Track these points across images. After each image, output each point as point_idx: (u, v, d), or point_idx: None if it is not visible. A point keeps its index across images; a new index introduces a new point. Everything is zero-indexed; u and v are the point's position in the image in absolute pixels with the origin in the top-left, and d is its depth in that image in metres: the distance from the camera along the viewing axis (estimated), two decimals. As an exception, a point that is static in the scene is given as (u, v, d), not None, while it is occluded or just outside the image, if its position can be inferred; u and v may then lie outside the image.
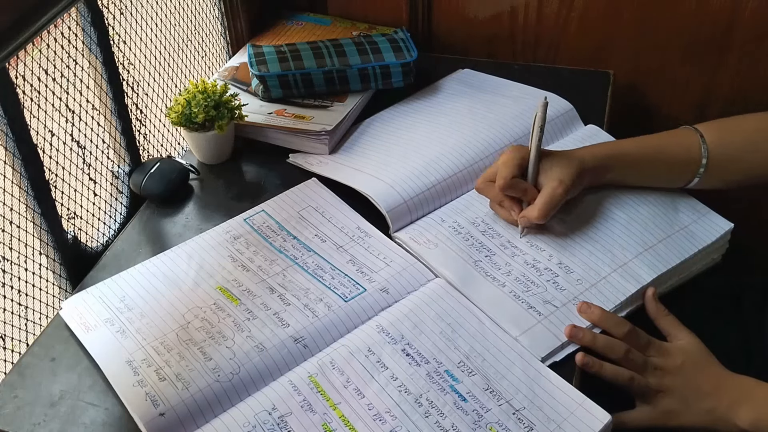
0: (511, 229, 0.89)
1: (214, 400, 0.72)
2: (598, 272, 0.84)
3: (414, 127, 1.05)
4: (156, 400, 0.71)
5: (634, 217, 0.91)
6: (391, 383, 0.74)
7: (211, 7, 1.18)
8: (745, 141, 0.92)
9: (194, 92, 0.98)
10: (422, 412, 0.71)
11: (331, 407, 0.72)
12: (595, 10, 1.17)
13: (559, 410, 0.72)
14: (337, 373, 0.74)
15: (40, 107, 0.82)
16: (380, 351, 0.76)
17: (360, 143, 1.04)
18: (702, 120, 0.94)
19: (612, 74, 1.16)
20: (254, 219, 0.92)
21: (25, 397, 0.75)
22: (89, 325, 0.79)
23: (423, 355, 0.76)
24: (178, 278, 0.84)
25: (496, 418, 0.71)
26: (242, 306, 0.81)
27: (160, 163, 0.98)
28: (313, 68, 1.06)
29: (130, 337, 0.78)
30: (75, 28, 0.87)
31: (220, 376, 0.74)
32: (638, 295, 0.83)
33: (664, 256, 0.87)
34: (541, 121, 0.86)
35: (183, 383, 0.73)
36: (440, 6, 1.24)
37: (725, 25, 1.12)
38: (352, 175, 0.96)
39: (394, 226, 0.90)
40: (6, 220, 0.79)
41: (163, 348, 0.76)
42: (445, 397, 0.72)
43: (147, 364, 0.75)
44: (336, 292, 0.82)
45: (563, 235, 0.88)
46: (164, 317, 0.80)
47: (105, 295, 0.83)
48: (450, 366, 0.75)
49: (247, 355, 0.76)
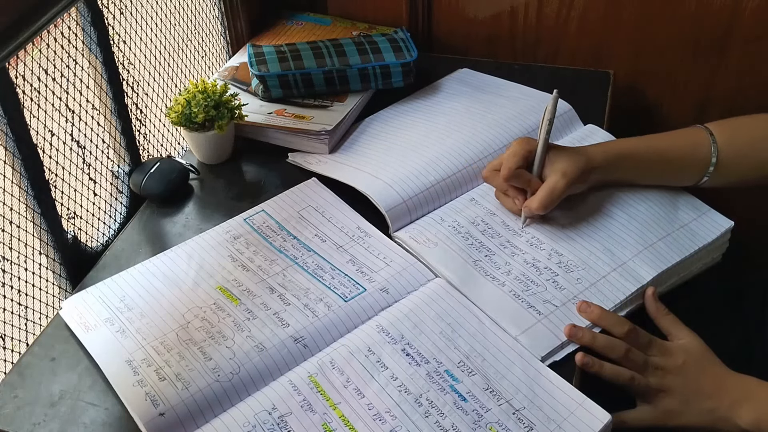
0: (511, 229, 0.89)
1: (214, 400, 0.72)
2: (598, 271, 0.84)
3: (413, 126, 1.05)
4: (156, 400, 0.71)
5: (634, 215, 0.90)
6: (391, 383, 0.74)
7: (211, 7, 1.18)
8: (754, 139, 0.92)
9: (194, 92, 0.98)
10: (422, 412, 0.71)
11: (331, 407, 0.72)
12: (595, 10, 1.17)
13: (559, 410, 0.71)
14: (337, 373, 0.74)
15: (40, 107, 0.82)
16: (380, 351, 0.76)
17: (360, 143, 1.04)
18: (702, 120, 0.94)
19: (612, 74, 1.16)
20: (254, 219, 0.92)
21: (25, 397, 0.75)
22: (89, 325, 0.79)
23: (423, 355, 0.76)
24: (178, 278, 0.84)
25: (496, 417, 0.71)
26: (242, 306, 0.81)
27: (160, 163, 0.98)
28: (313, 68, 1.06)
29: (130, 336, 0.78)
30: (75, 28, 0.87)
31: (220, 376, 0.74)
32: (638, 294, 0.83)
33: (664, 254, 0.86)
34: (551, 114, 0.86)
35: (183, 383, 0.73)
36: (440, 6, 1.24)
37: (725, 25, 1.12)
38: (351, 175, 0.96)
39: (394, 226, 0.90)
40: (6, 220, 0.79)
41: (163, 348, 0.76)
42: (445, 396, 0.72)
43: (147, 364, 0.75)
44: (336, 292, 0.82)
45: (563, 233, 0.88)
46: (164, 317, 0.80)
47: (105, 294, 0.83)
48: (450, 366, 0.75)
49: (247, 355, 0.76)
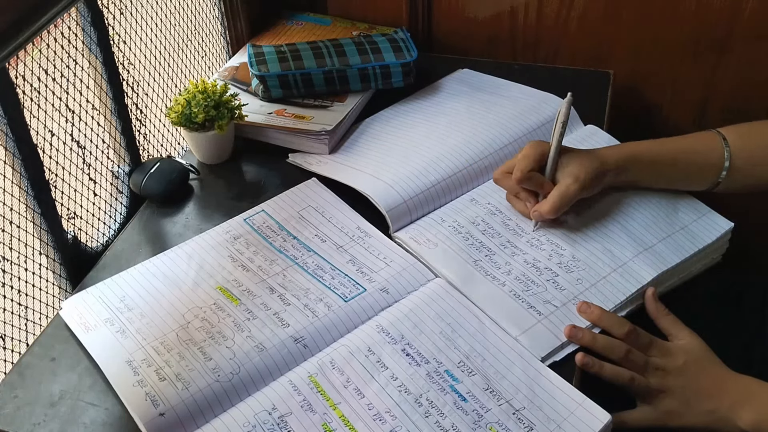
0: (511, 229, 0.89)
1: (214, 400, 0.72)
2: (598, 272, 0.84)
3: (414, 126, 1.05)
4: (156, 400, 0.71)
5: (634, 216, 0.91)
6: (391, 383, 0.74)
7: (211, 7, 1.18)
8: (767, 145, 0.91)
9: (194, 92, 0.98)
10: (422, 412, 0.71)
11: (331, 407, 0.72)
12: (595, 10, 1.17)
13: (559, 410, 0.71)
14: (337, 373, 0.74)
15: (40, 107, 0.82)
16: (380, 351, 0.76)
17: (360, 143, 1.03)
18: (702, 120, 0.94)
19: (612, 74, 1.16)
20: (254, 219, 0.92)
21: (25, 397, 0.75)
22: (89, 325, 0.79)
23: (423, 355, 0.76)
24: (178, 278, 0.84)
25: (496, 418, 0.71)
26: (242, 306, 0.81)
27: (160, 163, 0.98)
28: (313, 68, 1.06)
29: (130, 337, 0.78)
30: (75, 28, 0.87)
31: (220, 376, 0.74)
32: (638, 295, 0.83)
33: (664, 255, 0.86)
34: (564, 117, 0.86)
35: (183, 383, 0.73)
36: (440, 6, 1.24)
37: (725, 25, 1.12)
38: (351, 175, 0.96)
39: (394, 226, 0.90)
40: (6, 220, 0.79)
41: (163, 348, 0.76)
42: (445, 397, 0.72)
43: (147, 364, 0.75)
44: (336, 292, 0.82)
45: (563, 234, 0.88)
46: (164, 317, 0.80)
47: (105, 294, 0.83)
48: (450, 366, 0.75)
49: (247, 355, 0.76)
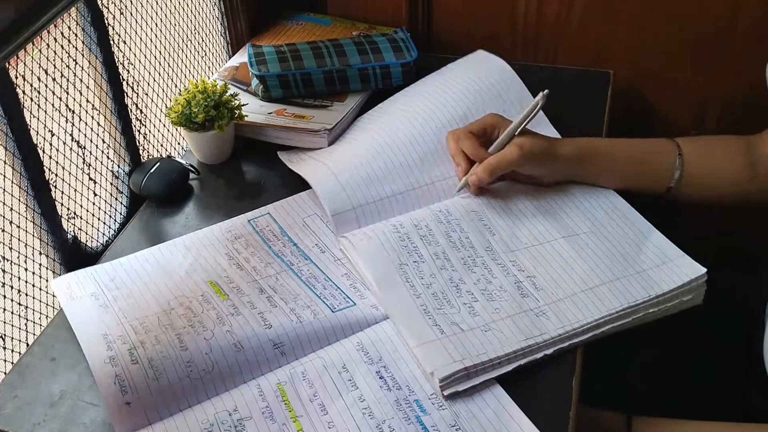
0: (451, 241, 0.85)
1: (182, 395, 0.71)
2: (520, 305, 0.77)
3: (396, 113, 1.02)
4: (125, 386, 0.71)
5: (582, 253, 0.83)
6: (357, 404, 0.71)
7: (211, 7, 1.17)
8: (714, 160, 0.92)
9: (194, 92, 0.98)
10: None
11: (292, 419, 0.70)
12: (595, 10, 1.17)
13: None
14: (307, 385, 0.73)
15: (40, 107, 0.82)
16: (354, 369, 0.74)
17: (346, 138, 1.02)
18: (702, 120, 0.94)
19: (612, 74, 1.16)
20: (258, 221, 0.92)
21: (25, 397, 0.75)
22: (74, 296, 0.80)
23: (396, 380, 0.73)
24: (172, 267, 0.84)
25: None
26: (229, 301, 0.81)
27: (160, 163, 0.98)
28: (313, 68, 1.06)
29: (111, 312, 0.78)
30: (75, 28, 0.87)
31: (192, 372, 0.73)
32: (566, 337, 0.75)
33: (603, 299, 0.78)
34: (533, 108, 0.87)
35: (155, 371, 0.72)
36: (440, 6, 1.24)
37: (725, 25, 1.12)
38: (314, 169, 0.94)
39: (339, 232, 0.87)
40: (6, 220, 0.79)
41: (142, 328, 0.76)
42: (408, 426, 0.69)
43: (122, 341, 0.74)
44: (325, 302, 0.81)
45: (500, 259, 0.83)
46: (149, 300, 0.80)
47: (97, 273, 0.84)
48: (421, 396, 0.72)
49: (222, 352, 0.74)
